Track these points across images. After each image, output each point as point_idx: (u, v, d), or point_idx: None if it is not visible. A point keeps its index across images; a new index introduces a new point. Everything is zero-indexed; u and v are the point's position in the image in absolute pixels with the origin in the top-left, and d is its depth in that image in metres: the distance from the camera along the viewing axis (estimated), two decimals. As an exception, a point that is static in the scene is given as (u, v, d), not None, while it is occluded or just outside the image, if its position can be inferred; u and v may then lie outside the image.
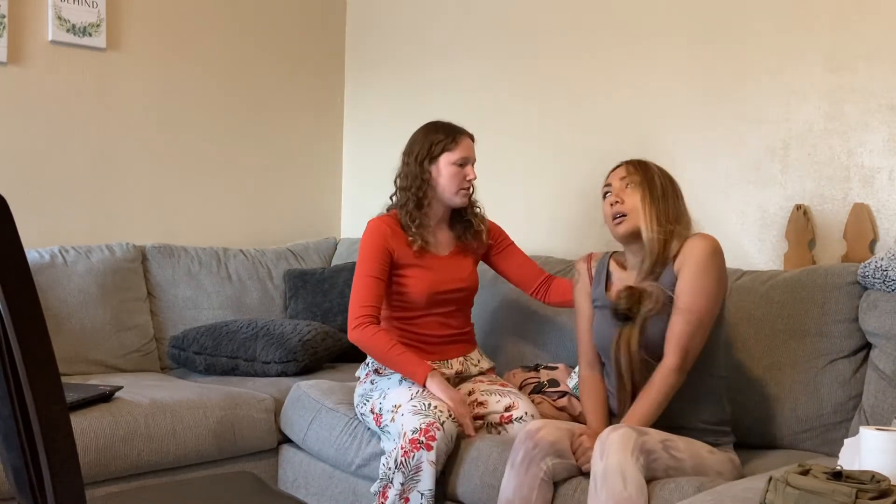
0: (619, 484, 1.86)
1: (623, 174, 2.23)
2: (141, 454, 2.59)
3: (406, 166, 2.62)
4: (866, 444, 1.56)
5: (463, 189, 2.60)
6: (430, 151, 2.58)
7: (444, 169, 2.58)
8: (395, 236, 2.60)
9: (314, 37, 4.19)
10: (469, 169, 2.61)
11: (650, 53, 3.08)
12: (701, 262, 2.11)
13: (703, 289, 2.10)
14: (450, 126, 2.64)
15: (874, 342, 2.27)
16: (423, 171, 2.59)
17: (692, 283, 2.10)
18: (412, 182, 2.59)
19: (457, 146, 2.58)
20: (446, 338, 2.64)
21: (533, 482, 2.07)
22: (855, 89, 2.60)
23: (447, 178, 2.58)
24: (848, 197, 2.61)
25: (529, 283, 2.75)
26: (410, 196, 2.59)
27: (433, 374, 2.45)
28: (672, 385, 2.08)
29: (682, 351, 2.08)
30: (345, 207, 4.32)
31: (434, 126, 2.64)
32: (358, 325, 2.50)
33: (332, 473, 2.72)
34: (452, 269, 2.65)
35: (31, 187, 3.39)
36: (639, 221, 2.17)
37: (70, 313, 3.16)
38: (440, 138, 2.59)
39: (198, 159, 3.84)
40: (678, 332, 2.09)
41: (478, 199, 2.72)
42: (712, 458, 2.06)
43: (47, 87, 3.42)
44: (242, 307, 3.59)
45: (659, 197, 2.18)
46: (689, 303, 2.09)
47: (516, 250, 2.80)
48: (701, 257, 2.11)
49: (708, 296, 2.10)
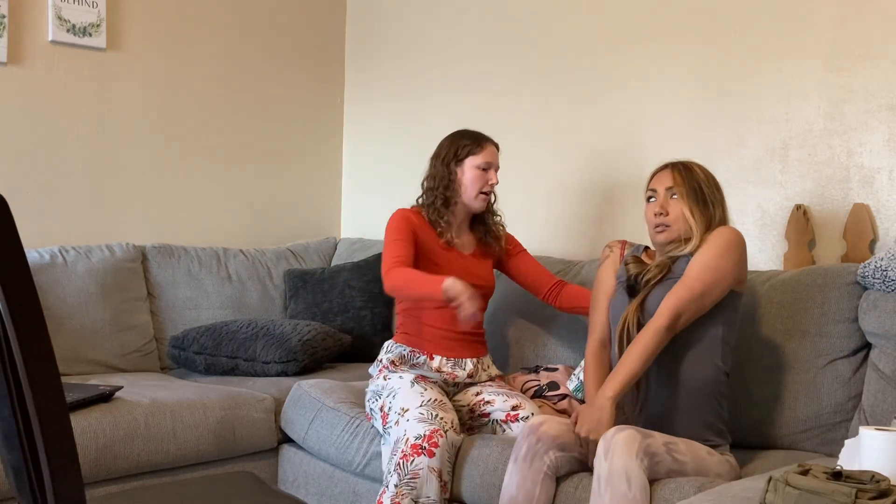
0: (624, 486, 1.87)
1: (669, 183, 2.23)
2: (141, 454, 2.59)
3: (433, 168, 2.74)
4: (866, 444, 1.56)
5: (483, 193, 2.69)
6: (457, 154, 2.70)
7: (468, 171, 2.68)
8: (421, 226, 2.68)
9: (314, 37, 4.19)
10: (492, 174, 2.71)
11: (650, 53, 3.08)
12: (717, 243, 2.15)
13: (712, 265, 2.12)
14: (477, 133, 2.75)
15: (874, 342, 2.27)
16: (450, 172, 2.69)
17: (704, 258, 2.14)
18: (439, 182, 2.70)
19: (482, 150, 2.69)
20: (462, 335, 2.65)
21: (536, 476, 2.07)
22: (855, 89, 2.60)
23: (470, 180, 2.68)
24: (848, 197, 2.61)
25: (541, 288, 2.81)
26: (438, 195, 2.69)
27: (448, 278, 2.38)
28: (658, 343, 2.09)
29: (674, 312, 2.09)
30: (345, 207, 4.32)
31: (462, 133, 2.76)
32: (389, 271, 2.52)
33: (332, 473, 2.72)
34: (474, 267, 2.72)
35: (31, 187, 3.39)
36: (682, 233, 2.21)
37: (70, 313, 3.16)
38: (466, 143, 2.70)
39: (198, 159, 3.83)
40: (676, 294, 2.11)
41: (499, 208, 2.81)
42: (712, 459, 2.07)
43: (47, 87, 3.42)
44: (242, 307, 3.59)
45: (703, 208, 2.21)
46: (695, 272, 2.12)
47: (528, 256, 2.88)
48: (719, 239, 2.15)
49: (716, 272, 2.12)
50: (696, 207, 2.20)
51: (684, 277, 2.13)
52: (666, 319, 2.09)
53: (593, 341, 2.35)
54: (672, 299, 2.11)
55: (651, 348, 2.09)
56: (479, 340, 2.73)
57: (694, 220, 2.19)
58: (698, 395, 2.16)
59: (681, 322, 2.11)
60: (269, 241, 4.03)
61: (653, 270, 2.21)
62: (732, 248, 2.15)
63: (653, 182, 2.28)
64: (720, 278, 2.13)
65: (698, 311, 2.13)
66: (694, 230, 2.19)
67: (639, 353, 2.09)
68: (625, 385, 2.09)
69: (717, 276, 2.12)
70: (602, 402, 2.07)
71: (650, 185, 2.28)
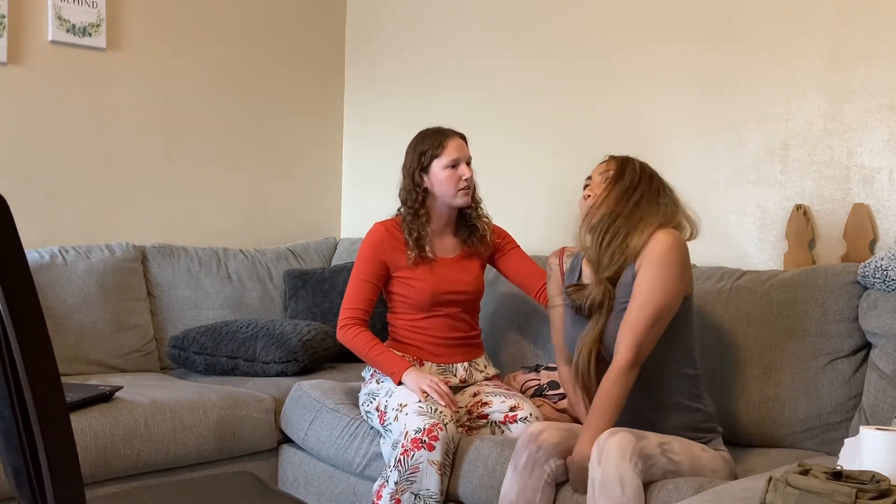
0: (618, 490, 1.86)
1: (602, 169, 2.25)
2: (141, 454, 2.59)
3: (403, 179, 2.66)
4: (866, 444, 1.56)
5: (461, 189, 2.60)
6: (421, 163, 2.61)
7: (437, 175, 2.60)
8: (395, 244, 2.63)
9: (314, 37, 4.19)
10: (464, 168, 2.60)
11: (650, 54, 3.08)
12: (658, 257, 2.06)
13: (659, 284, 2.05)
14: (436, 131, 2.64)
15: (874, 342, 2.27)
16: (418, 185, 2.61)
17: (649, 278, 2.06)
18: (408, 196, 2.63)
19: (444, 150, 2.59)
20: (452, 340, 2.65)
21: (537, 485, 2.06)
22: (855, 89, 2.60)
23: (443, 183, 2.59)
24: (848, 197, 2.61)
25: (533, 286, 2.75)
26: (408, 210, 2.63)
27: (409, 370, 2.49)
28: (626, 384, 2.03)
29: (634, 346, 2.03)
30: (345, 207, 4.32)
31: (421, 137, 2.66)
32: (342, 326, 2.62)
33: (332, 473, 2.72)
34: (457, 271, 2.66)
35: (31, 187, 3.39)
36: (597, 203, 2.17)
37: (70, 313, 3.16)
38: (426, 147, 2.61)
39: (198, 159, 3.83)
40: (631, 324, 2.04)
41: (482, 200, 2.72)
42: (706, 456, 2.06)
43: (47, 87, 3.42)
44: (242, 307, 3.59)
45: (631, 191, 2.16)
46: (644, 296, 2.05)
47: (520, 253, 2.82)
48: (659, 252, 2.07)
49: (664, 290, 2.05)
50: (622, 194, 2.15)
51: (634, 304, 2.06)
52: (628, 356, 2.03)
53: (563, 366, 2.33)
54: (628, 333, 2.04)
55: (620, 393, 2.03)
56: (472, 343, 2.71)
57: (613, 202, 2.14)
58: (675, 405, 2.13)
59: (643, 352, 2.05)
60: (269, 241, 4.03)
61: (596, 295, 2.13)
62: (674, 258, 2.07)
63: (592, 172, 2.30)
64: (671, 295, 2.05)
65: (657, 335, 2.06)
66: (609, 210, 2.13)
67: (608, 403, 2.03)
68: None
69: (666, 294, 2.05)
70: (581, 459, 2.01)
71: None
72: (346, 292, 2.64)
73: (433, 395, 2.40)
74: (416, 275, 2.61)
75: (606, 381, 2.05)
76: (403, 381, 2.48)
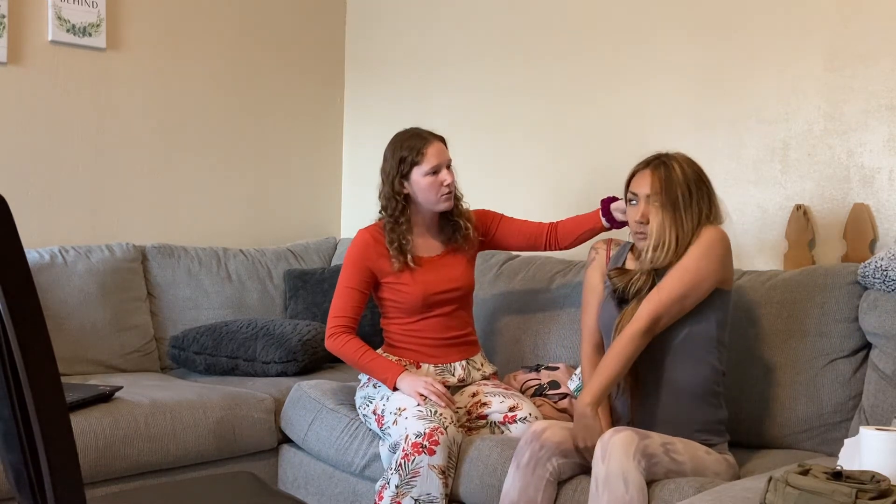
0: (621, 488, 1.87)
1: (648, 190, 2.18)
2: (141, 454, 2.59)
3: (383, 185, 2.61)
4: (866, 444, 1.56)
5: (443, 195, 2.56)
6: (400, 170, 2.55)
7: (418, 182, 2.55)
8: (380, 250, 2.60)
9: (314, 37, 4.18)
10: (444, 174, 2.55)
11: (650, 53, 3.08)
12: (701, 246, 2.13)
13: (693, 266, 2.11)
14: (414, 135, 2.58)
15: (874, 342, 2.27)
16: (399, 192, 2.56)
17: (686, 260, 2.13)
18: (388, 202, 2.59)
19: (424, 157, 2.53)
20: (448, 340, 2.64)
21: (539, 483, 2.07)
22: (855, 89, 2.60)
23: (424, 190, 2.55)
24: (848, 197, 2.61)
25: (538, 241, 2.72)
26: (388, 217, 2.59)
27: (403, 375, 2.48)
28: (636, 347, 2.10)
29: (653, 315, 2.09)
30: (344, 207, 4.32)
31: (399, 141, 2.59)
32: (331, 335, 2.58)
33: (332, 474, 2.72)
34: (445, 269, 2.64)
35: (31, 187, 3.39)
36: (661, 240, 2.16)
37: (70, 313, 3.15)
38: (405, 154, 2.55)
39: (198, 159, 3.83)
40: (655, 297, 2.11)
41: (462, 196, 2.67)
42: (710, 458, 2.07)
43: (47, 87, 3.42)
44: (242, 307, 3.59)
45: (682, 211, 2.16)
46: (676, 272, 2.12)
47: (510, 221, 2.76)
48: (703, 242, 2.13)
49: (696, 272, 2.11)
50: (675, 219, 2.15)
51: (666, 279, 2.13)
52: (644, 323, 2.09)
53: (588, 346, 2.36)
54: (651, 303, 2.11)
55: (628, 353, 2.09)
56: (467, 341, 2.70)
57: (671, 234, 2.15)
58: (694, 396, 2.16)
59: (660, 325, 2.11)
60: (269, 241, 4.02)
61: (639, 281, 2.18)
62: (714, 249, 2.13)
63: (633, 184, 2.23)
64: (701, 279, 2.11)
65: (679, 313, 2.13)
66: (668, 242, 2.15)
67: (615, 358, 2.10)
68: (603, 390, 2.11)
69: (697, 277, 2.11)
70: (582, 410, 2.09)
71: (630, 186, 2.24)
72: (334, 300, 2.61)
73: (431, 396, 2.40)
74: (404, 279, 2.59)
75: (621, 338, 2.11)
76: (398, 386, 2.47)
